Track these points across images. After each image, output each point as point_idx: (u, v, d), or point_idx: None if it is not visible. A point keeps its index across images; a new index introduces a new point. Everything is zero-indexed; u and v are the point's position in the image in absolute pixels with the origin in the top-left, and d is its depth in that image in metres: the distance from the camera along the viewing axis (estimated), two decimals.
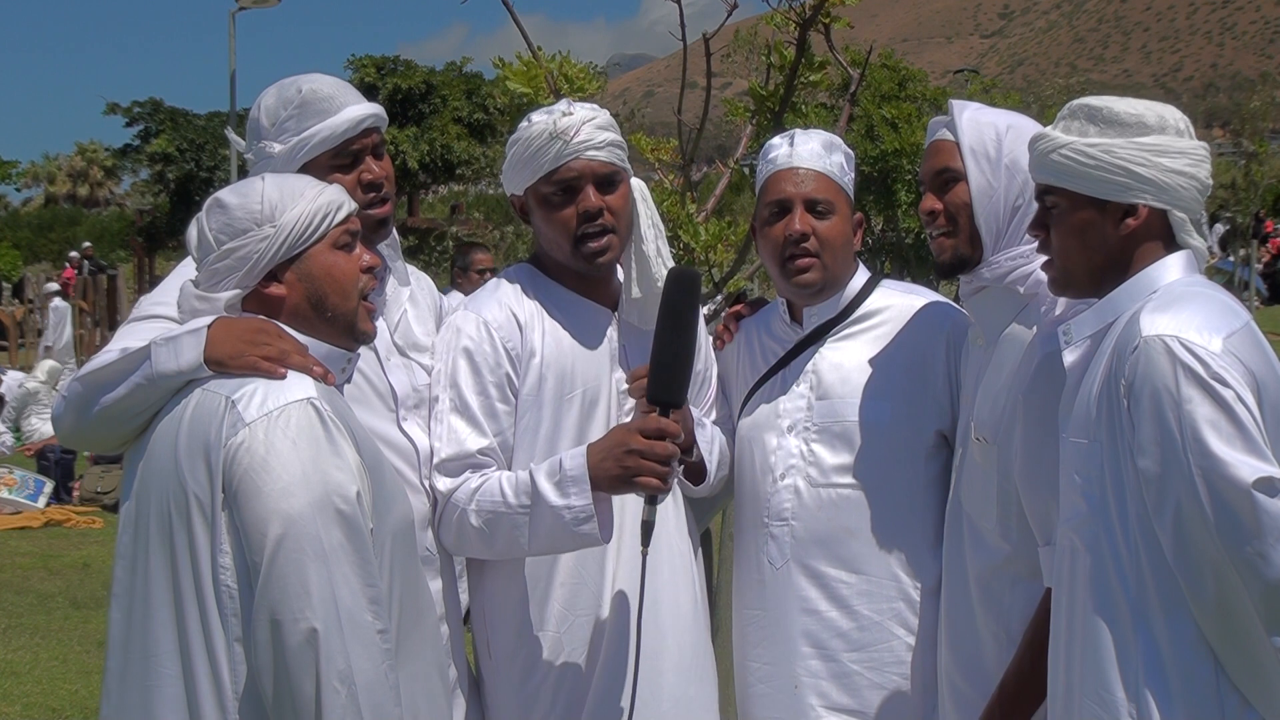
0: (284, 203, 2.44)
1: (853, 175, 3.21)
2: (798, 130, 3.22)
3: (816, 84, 4.61)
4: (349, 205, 2.52)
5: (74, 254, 34.54)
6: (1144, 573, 2.33)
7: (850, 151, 3.23)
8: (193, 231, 2.49)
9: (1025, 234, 2.79)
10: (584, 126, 2.94)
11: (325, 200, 2.48)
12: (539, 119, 2.98)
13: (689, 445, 3.04)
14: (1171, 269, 2.47)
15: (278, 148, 2.81)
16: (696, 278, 2.88)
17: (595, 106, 3.03)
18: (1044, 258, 2.63)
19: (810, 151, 3.13)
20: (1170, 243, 2.50)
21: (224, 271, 2.43)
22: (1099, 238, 2.50)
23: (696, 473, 3.13)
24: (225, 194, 2.48)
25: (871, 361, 3.12)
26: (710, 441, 3.16)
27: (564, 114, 2.97)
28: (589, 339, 3.04)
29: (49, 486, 12.16)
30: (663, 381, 2.76)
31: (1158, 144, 2.47)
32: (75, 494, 12.47)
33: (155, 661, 2.32)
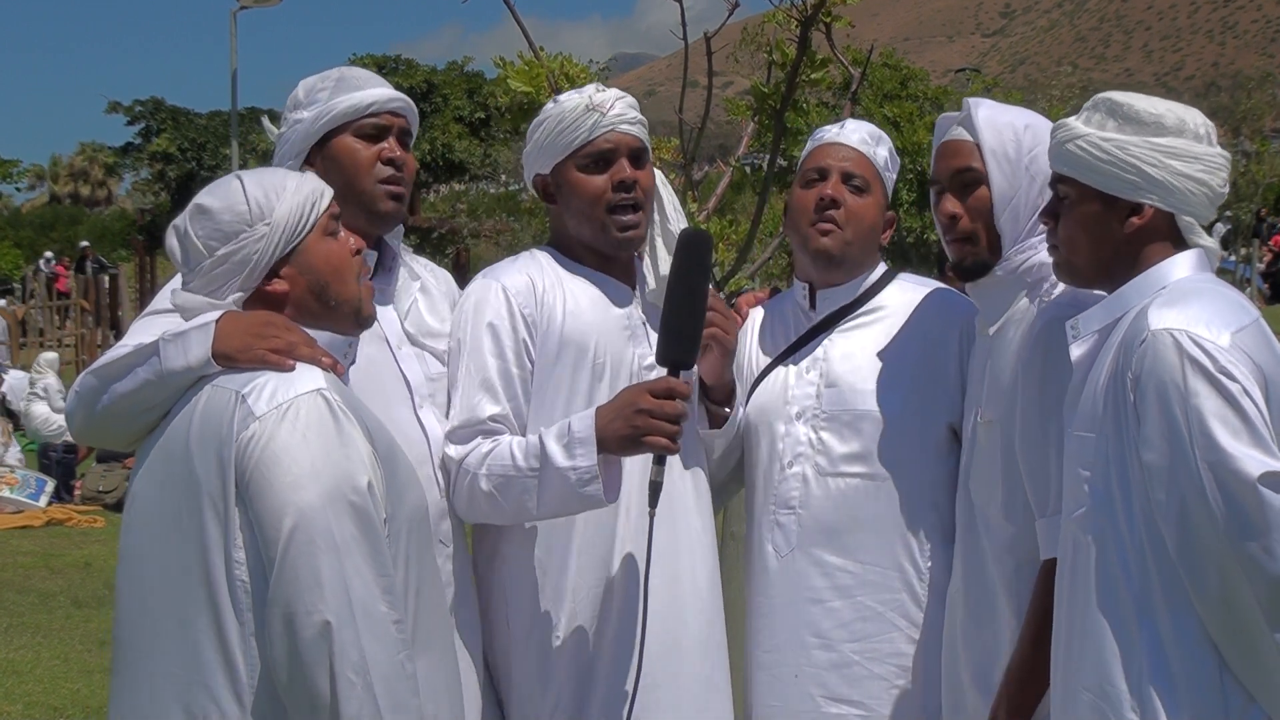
0: (271, 199, 2.42)
1: (893, 175, 3.23)
2: (849, 119, 3.27)
3: (818, 82, 4.61)
4: (328, 191, 2.51)
5: (48, 254, 34.42)
6: (1148, 567, 2.33)
7: (895, 154, 3.26)
8: (173, 241, 2.45)
9: (1036, 226, 2.80)
10: (617, 103, 3.01)
11: (309, 189, 2.47)
12: (570, 97, 3.03)
13: (726, 395, 3.07)
14: (1181, 266, 2.48)
15: (306, 115, 2.89)
16: (708, 239, 2.89)
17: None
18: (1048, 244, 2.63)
19: (858, 135, 3.18)
20: (1179, 243, 2.51)
21: (223, 276, 2.41)
22: (1104, 232, 2.50)
23: (719, 419, 3.13)
24: (205, 199, 2.45)
25: (883, 352, 3.12)
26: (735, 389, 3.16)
27: (598, 90, 3.03)
28: (610, 313, 3.04)
29: (50, 485, 12.16)
30: (673, 341, 2.77)
31: (1172, 146, 2.46)
32: (77, 493, 12.47)
33: (168, 656, 2.32)
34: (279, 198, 2.42)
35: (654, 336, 3.00)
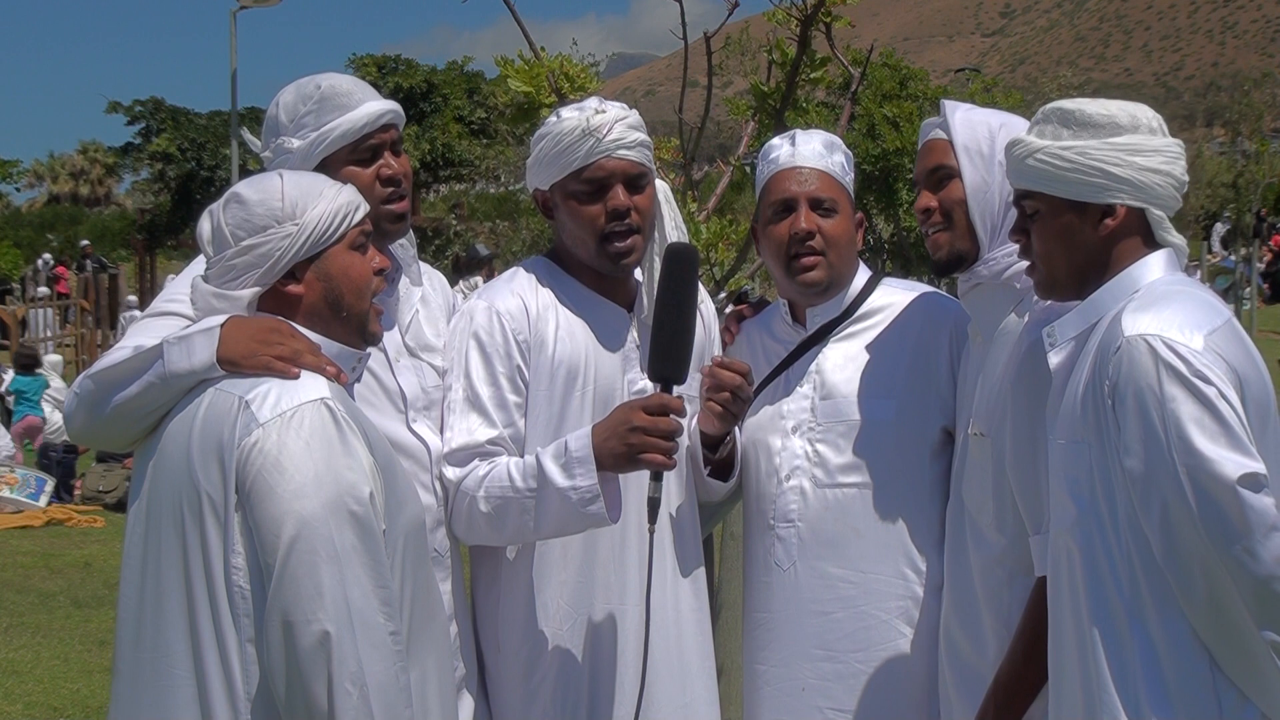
0: (305, 201, 2.43)
1: (852, 176, 3.21)
2: (798, 130, 3.21)
3: (817, 81, 4.61)
4: (365, 206, 2.53)
5: (46, 256, 34.53)
6: (1137, 572, 2.34)
7: (849, 152, 3.23)
8: (205, 225, 2.47)
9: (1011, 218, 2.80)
10: (616, 125, 2.94)
11: (344, 200, 2.48)
12: (569, 115, 2.98)
13: (719, 440, 3.06)
14: (1153, 268, 2.49)
15: (296, 143, 2.80)
16: (694, 254, 2.88)
17: (625, 106, 3.03)
18: None
19: (812, 151, 3.13)
20: (1150, 240, 2.52)
21: (243, 268, 2.42)
22: (1080, 240, 2.51)
23: (724, 468, 3.13)
24: (243, 189, 2.46)
25: (875, 360, 3.12)
26: (735, 440, 3.16)
27: (597, 111, 2.96)
28: (604, 337, 3.03)
29: (50, 485, 12.17)
30: (664, 358, 2.77)
31: (1131, 143, 2.48)
32: (77, 493, 12.48)
33: (167, 661, 2.32)
34: (313, 201, 2.43)
35: (646, 360, 3.00)
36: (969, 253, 2.86)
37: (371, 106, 2.85)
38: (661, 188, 3.08)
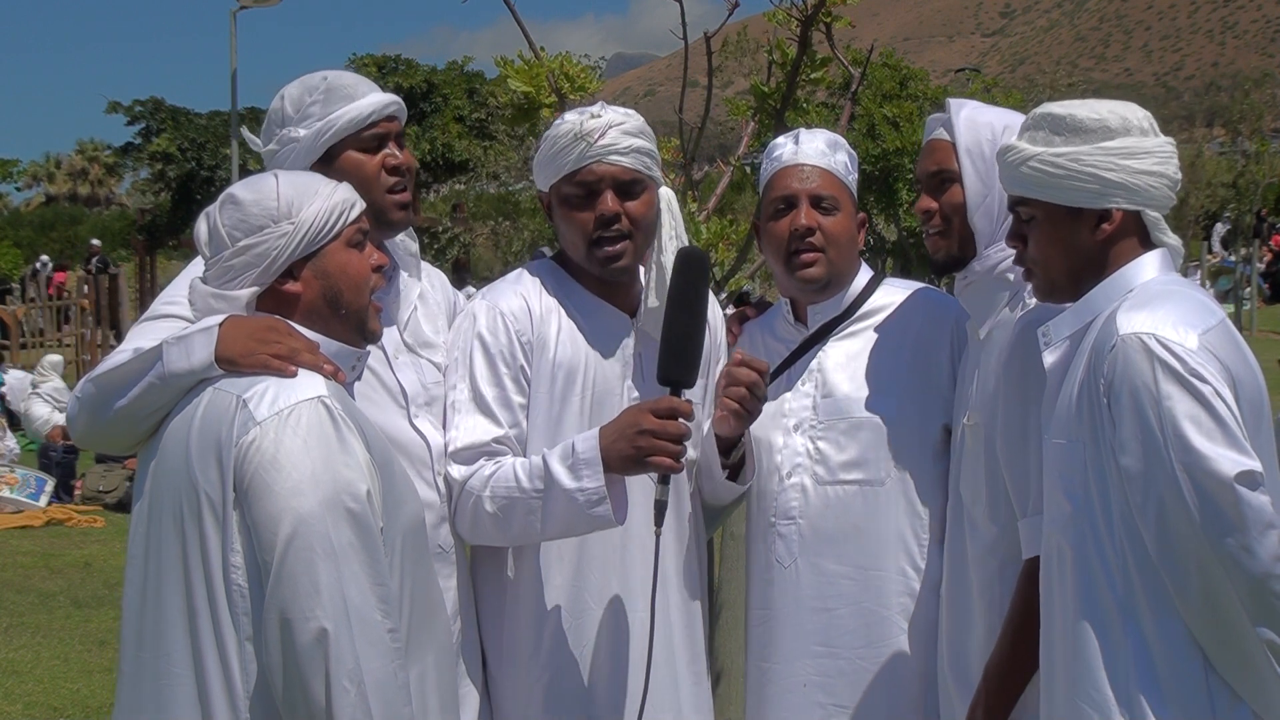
0: (300, 199, 2.44)
1: (856, 175, 3.23)
2: (802, 129, 3.23)
3: (818, 82, 4.61)
4: (360, 204, 2.54)
5: (44, 257, 34.67)
6: (1130, 571, 2.34)
7: (854, 152, 3.24)
8: (202, 227, 2.48)
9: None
10: (610, 130, 2.95)
11: (340, 198, 2.48)
12: (569, 118, 3.00)
13: (733, 443, 3.05)
14: (1147, 267, 2.50)
15: (302, 132, 2.83)
16: (705, 258, 2.90)
17: (629, 111, 3.03)
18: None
19: (815, 149, 3.14)
20: (1146, 240, 2.53)
21: (240, 268, 2.43)
22: (1077, 245, 2.52)
23: (735, 472, 3.13)
24: (238, 190, 2.47)
25: (876, 358, 3.13)
26: (749, 444, 3.16)
27: (593, 115, 2.97)
28: (605, 342, 3.04)
29: (50, 485, 12.17)
30: (673, 361, 2.77)
31: (1124, 147, 2.49)
32: (77, 493, 12.47)
33: (168, 660, 2.33)
34: (308, 200, 2.44)
35: (647, 367, 3.01)
36: (966, 256, 2.88)
37: (376, 97, 2.89)
38: (666, 195, 3.07)
